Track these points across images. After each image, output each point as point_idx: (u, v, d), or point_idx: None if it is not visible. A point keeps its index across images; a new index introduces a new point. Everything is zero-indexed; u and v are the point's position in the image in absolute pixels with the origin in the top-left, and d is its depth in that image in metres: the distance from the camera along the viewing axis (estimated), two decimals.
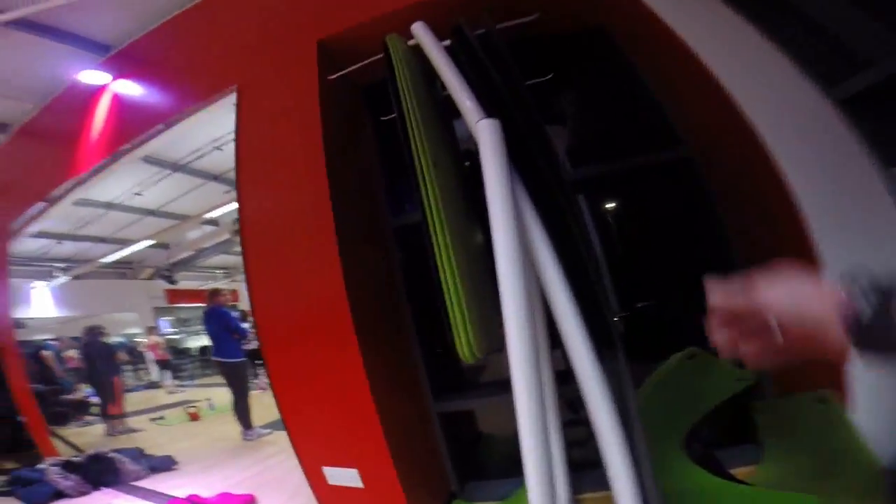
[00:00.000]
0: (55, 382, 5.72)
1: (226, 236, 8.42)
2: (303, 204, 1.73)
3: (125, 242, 8.12)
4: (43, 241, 7.61)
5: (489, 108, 1.10)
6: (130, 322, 10.48)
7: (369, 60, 1.68)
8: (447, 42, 1.37)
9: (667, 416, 1.51)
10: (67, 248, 8.23)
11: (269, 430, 4.14)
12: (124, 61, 2.94)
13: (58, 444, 3.80)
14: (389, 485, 1.62)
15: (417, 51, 1.36)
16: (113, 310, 10.49)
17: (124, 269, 10.00)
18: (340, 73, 1.79)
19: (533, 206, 1.13)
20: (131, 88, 2.83)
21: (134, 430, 5.09)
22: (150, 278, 10.24)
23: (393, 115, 1.25)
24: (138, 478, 3.24)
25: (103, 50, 3.08)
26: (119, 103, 2.91)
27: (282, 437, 1.90)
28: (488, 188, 1.02)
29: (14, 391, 3.82)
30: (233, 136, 1.96)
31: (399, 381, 1.79)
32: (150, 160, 5.57)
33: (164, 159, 5.59)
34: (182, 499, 2.63)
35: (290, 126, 1.81)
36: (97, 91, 3.02)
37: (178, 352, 10.87)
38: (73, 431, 4.70)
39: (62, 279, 8.85)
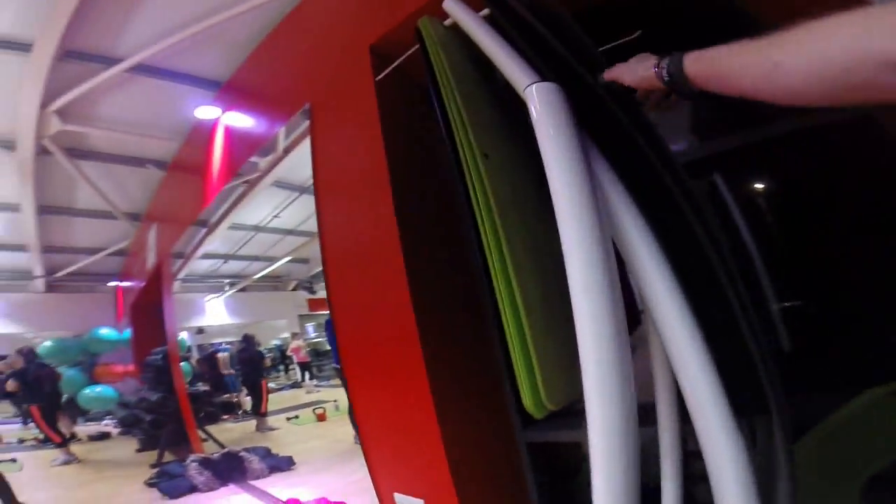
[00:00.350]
0: (222, 382, 6.76)
1: None
2: (369, 220, 1.64)
3: (272, 259, 9.30)
4: (212, 261, 9.19)
5: (546, 73, 0.77)
6: (282, 328, 12.05)
7: (409, 52, 1.48)
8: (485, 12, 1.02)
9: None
10: (231, 266, 9.77)
11: None
12: (228, 94, 3.20)
13: (206, 441, 4.35)
14: None
15: (458, 31, 1.07)
16: (269, 317, 12.23)
17: (275, 282, 11.51)
18: (385, 72, 1.61)
19: (627, 195, 0.72)
20: (235, 118, 3.05)
21: (272, 429, 5.62)
22: (295, 289, 11.65)
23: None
24: (260, 476, 3.52)
25: (216, 86, 3.42)
26: (229, 133, 3.16)
27: None
28: (549, 172, 0.66)
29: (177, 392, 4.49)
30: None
31: (478, 409, 1.59)
32: (280, 185, 6.20)
33: (291, 183, 6.16)
34: (285, 502, 2.75)
35: (352, 135, 1.74)
36: (213, 124, 3.35)
37: (319, 354, 12.13)
38: (225, 428, 5.42)
39: (230, 292, 10.58)
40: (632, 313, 0.92)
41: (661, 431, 1.00)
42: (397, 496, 1.66)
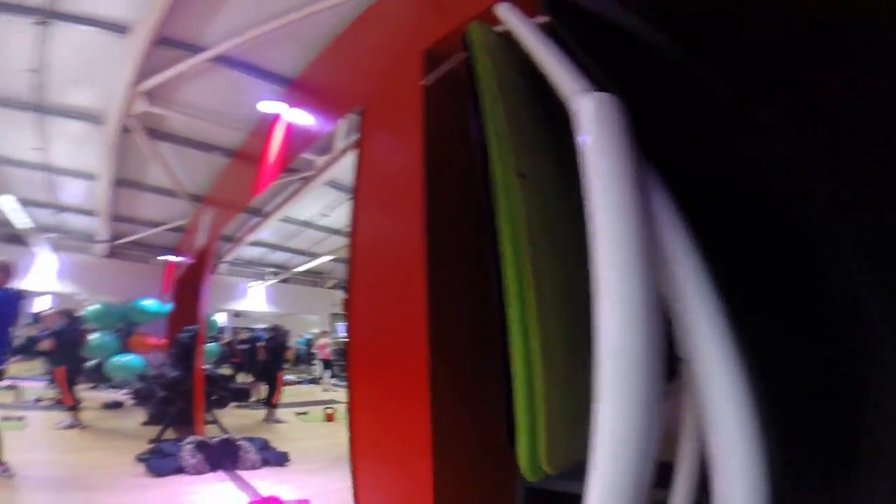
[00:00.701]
0: (242, 368, 6.81)
1: None
2: (399, 229, 1.59)
3: (315, 255, 9.55)
4: (260, 249, 9.57)
5: (604, 85, 0.65)
6: (314, 323, 12.29)
7: (456, 58, 1.41)
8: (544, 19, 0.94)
9: None
10: (278, 256, 10.13)
11: None
12: (294, 91, 3.31)
13: (212, 424, 4.40)
14: None
15: (511, 40, 0.99)
16: (303, 311, 12.53)
17: (315, 278, 11.81)
18: (431, 77, 1.55)
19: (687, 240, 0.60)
20: (295, 115, 3.14)
21: (279, 422, 5.62)
22: (332, 288, 11.89)
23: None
24: (253, 467, 3.47)
25: (284, 82, 3.56)
26: (288, 129, 3.27)
27: None
28: (589, 197, 0.55)
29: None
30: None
31: (477, 443, 1.47)
32: (333, 185, 6.37)
33: (343, 184, 6.32)
34: (265, 498, 2.72)
35: (396, 140, 1.73)
36: (275, 118, 3.47)
37: (343, 354, 12.25)
38: (234, 413, 5.46)
39: (272, 281, 10.95)
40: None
41: (673, 497, 0.85)
42: None
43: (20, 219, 7.12)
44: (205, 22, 3.41)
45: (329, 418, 5.85)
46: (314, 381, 10.45)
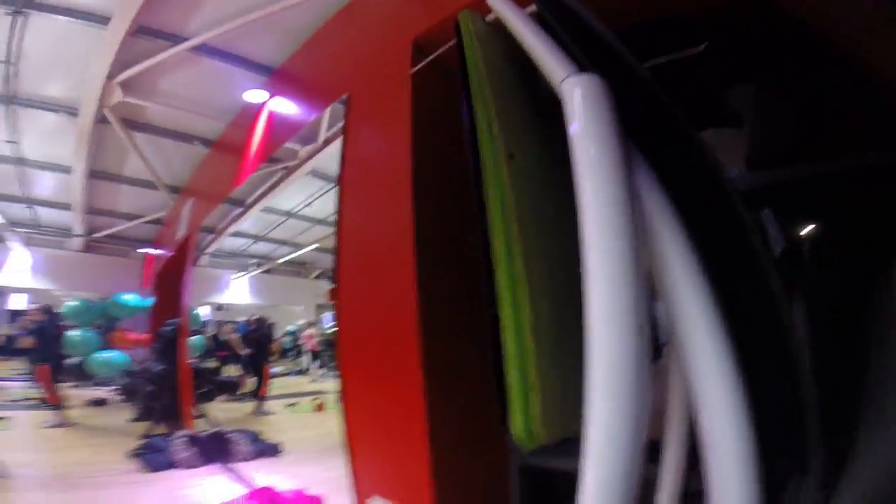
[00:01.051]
0: (238, 360, 6.75)
1: None
2: (386, 216, 1.60)
3: (299, 246, 9.45)
4: (242, 240, 9.42)
5: (590, 67, 0.69)
6: (299, 314, 12.20)
7: (447, 47, 1.44)
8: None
9: None
10: (261, 247, 9.99)
11: None
12: (277, 80, 3.26)
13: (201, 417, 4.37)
14: None
15: (501, 29, 1.01)
16: (288, 302, 12.42)
17: (299, 268, 11.69)
18: (421, 65, 1.57)
19: (671, 212, 0.64)
20: (279, 104, 3.10)
21: (268, 413, 5.61)
22: (317, 278, 11.81)
23: None
24: (245, 459, 3.50)
25: (267, 71, 3.50)
26: (270, 118, 3.22)
27: None
28: (577, 176, 0.58)
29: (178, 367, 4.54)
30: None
31: (472, 423, 1.51)
32: (316, 174, 6.30)
33: (327, 174, 6.26)
34: (258, 489, 2.74)
35: (383, 128, 1.73)
36: (258, 108, 3.41)
37: (331, 345, 12.20)
38: (221, 407, 5.43)
39: (255, 272, 10.81)
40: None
41: (663, 471, 0.90)
42: (375, 500, 1.62)
43: None
44: (187, 11, 3.32)
45: (319, 408, 5.88)
46: (301, 372, 10.42)
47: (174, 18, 3.37)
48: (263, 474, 3.11)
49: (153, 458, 3.41)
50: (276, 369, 8.34)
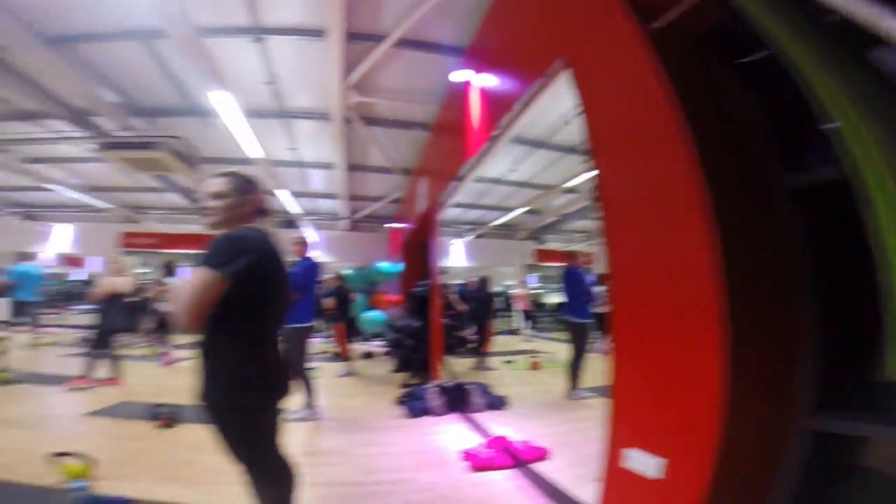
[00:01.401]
0: (460, 319, 7.49)
1: (584, 203, 8.74)
2: (662, 171, 1.52)
3: (507, 210, 9.80)
4: (458, 209, 10.31)
5: None
6: (508, 275, 12.81)
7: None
8: None
9: None
10: (473, 213, 10.79)
11: (591, 394, 4.09)
12: (474, 56, 3.28)
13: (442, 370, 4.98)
14: (696, 489, 1.35)
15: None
16: (499, 264, 13.16)
17: (508, 231, 12.18)
18: (663, 18, 1.32)
19: None
20: (486, 79, 3.12)
21: (490, 369, 5.96)
22: (524, 239, 12.08)
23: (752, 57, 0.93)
24: (478, 410, 3.79)
25: (460, 52, 3.58)
26: (483, 93, 3.29)
27: (599, 403, 1.79)
28: None
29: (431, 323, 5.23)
30: (576, 110, 1.90)
31: (767, 387, 1.41)
32: (518, 140, 6.30)
33: (528, 139, 6.19)
34: (495, 437, 2.95)
35: (629, 89, 1.62)
36: (466, 86, 3.54)
37: (538, 305, 12.42)
38: (454, 362, 6.06)
39: (469, 238, 11.78)
40: None
41: None
42: (627, 451, 1.62)
43: (293, 207, 9.43)
44: (377, 11, 3.65)
45: (534, 367, 6.00)
46: (513, 332, 10.91)
47: (370, 20, 3.75)
48: (494, 425, 3.30)
49: (414, 404, 3.84)
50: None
